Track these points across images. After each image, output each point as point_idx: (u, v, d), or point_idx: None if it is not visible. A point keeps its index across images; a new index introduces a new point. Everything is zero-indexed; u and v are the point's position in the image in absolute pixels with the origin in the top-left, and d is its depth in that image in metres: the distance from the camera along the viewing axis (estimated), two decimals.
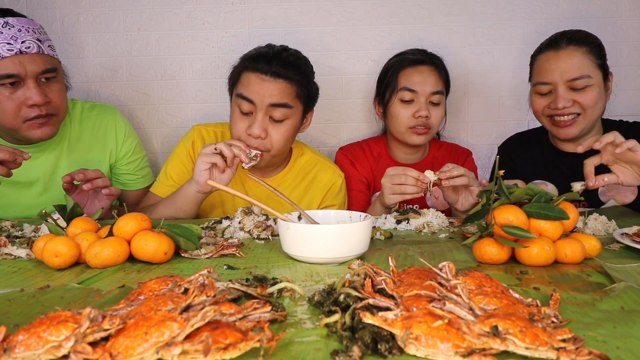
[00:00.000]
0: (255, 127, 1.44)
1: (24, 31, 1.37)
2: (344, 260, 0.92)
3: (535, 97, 1.60)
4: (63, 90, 1.47)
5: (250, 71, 1.47)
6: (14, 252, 1.02)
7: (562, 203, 0.96)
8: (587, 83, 1.50)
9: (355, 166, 1.80)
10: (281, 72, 1.45)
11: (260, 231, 1.16)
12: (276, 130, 1.47)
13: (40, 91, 1.38)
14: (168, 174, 1.61)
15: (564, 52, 1.53)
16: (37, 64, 1.38)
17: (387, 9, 2.06)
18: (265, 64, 1.46)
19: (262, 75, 1.45)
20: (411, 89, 1.66)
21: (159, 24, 2.06)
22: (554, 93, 1.54)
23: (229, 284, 0.72)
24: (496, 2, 2.06)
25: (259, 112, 1.45)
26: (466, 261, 0.96)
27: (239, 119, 1.49)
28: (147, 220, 1.00)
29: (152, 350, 0.51)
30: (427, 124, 1.67)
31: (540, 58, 1.59)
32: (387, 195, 1.38)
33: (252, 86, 1.45)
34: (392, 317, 0.57)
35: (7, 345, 0.52)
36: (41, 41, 1.40)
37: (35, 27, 1.42)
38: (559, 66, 1.52)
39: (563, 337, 0.56)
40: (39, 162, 1.54)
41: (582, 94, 1.51)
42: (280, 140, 1.48)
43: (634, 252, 0.99)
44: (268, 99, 1.44)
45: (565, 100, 1.50)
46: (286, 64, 1.47)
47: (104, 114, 1.66)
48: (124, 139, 1.67)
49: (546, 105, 1.56)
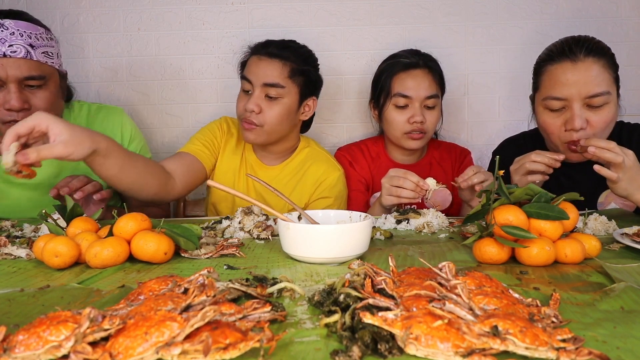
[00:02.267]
0: (250, 102, 1.57)
1: (17, 35, 1.35)
2: (344, 260, 0.92)
3: (544, 113, 1.42)
4: (50, 100, 1.42)
5: (253, 54, 1.63)
6: (14, 252, 1.02)
7: (562, 203, 0.96)
8: (606, 100, 1.34)
9: (354, 167, 1.80)
10: (276, 53, 1.59)
11: (260, 231, 1.16)
12: (270, 107, 1.59)
13: (19, 96, 1.35)
14: (196, 137, 1.70)
15: (583, 64, 1.35)
16: (20, 69, 1.35)
17: (387, 9, 2.06)
18: (264, 47, 1.62)
19: (261, 56, 1.60)
20: (405, 95, 1.66)
21: (159, 24, 2.06)
22: (567, 110, 1.37)
23: (229, 284, 0.72)
24: (496, 2, 2.06)
25: (256, 89, 1.58)
26: (466, 261, 0.96)
27: (241, 97, 1.63)
28: (147, 220, 1.00)
29: (152, 350, 0.51)
30: (422, 129, 1.66)
31: (553, 69, 1.39)
32: (384, 196, 1.39)
33: (251, 67, 1.61)
34: (392, 317, 0.57)
35: (7, 345, 0.52)
36: (34, 47, 1.37)
37: (36, 33, 1.39)
38: (577, 80, 1.34)
39: (563, 337, 0.56)
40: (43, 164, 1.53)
41: (598, 113, 1.35)
42: (273, 117, 1.59)
43: (634, 252, 0.99)
44: (262, 79, 1.58)
45: (582, 120, 1.34)
46: (283, 46, 1.62)
47: (111, 115, 1.66)
48: (130, 140, 1.67)
49: (561, 127, 1.38)
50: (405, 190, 1.35)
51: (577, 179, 1.52)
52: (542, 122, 1.44)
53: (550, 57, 1.42)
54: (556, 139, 1.41)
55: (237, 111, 1.64)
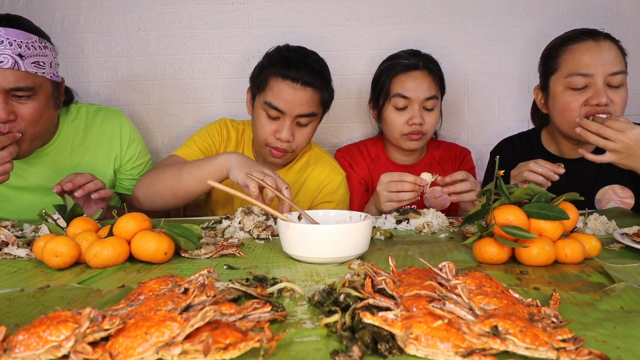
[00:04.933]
0: (284, 132, 1.53)
1: (6, 44, 1.30)
2: (344, 260, 0.92)
3: (566, 92, 1.44)
4: (38, 111, 1.37)
5: (280, 78, 1.51)
6: (14, 252, 1.02)
7: (562, 203, 0.96)
8: (623, 81, 1.41)
9: (353, 167, 1.80)
10: (310, 81, 1.51)
11: (260, 231, 1.16)
12: (301, 133, 1.58)
13: (4, 107, 1.31)
14: (194, 141, 1.64)
15: (605, 44, 1.42)
16: (7, 80, 1.30)
17: (387, 9, 2.06)
18: (296, 72, 1.50)
19: (293, 83, 1.50)
20: (404, 96, 1.65)
21: (159, 24, 2.06)
22: (590, 88, 1.41)
23: (229, 284, 0.72)
24: (496, 2, 2.06)
25: (287, 119, 1.53)
26: (466, 261, 0.96)
27: (267, 123, 1.55)
28: (147, 220, 1.00)
29: (152, 350, 0.51)
30: (420, 131, 1.66)
31: (576, 48, 1.44)
32: (384, 203, 1.37)
33: (283, 95, 1.51)
34: (392, 317, 0.57)
35: (7, 345, 0.52)
36: (23, 57, 1.32)
37: (27, 42, 1.33)
38: (601, 57, 1.40)
39: (563, 337, 0.56)
40: (41, 167, 1.54)
41: (617, 92, 1.41)
42: (304, 141, 1.60)
43: (634, 252, 0.99)
44: (297, 109, 1.52)
45: (606, 96, 1.38)
46: (314, 73, 1.53)
47: (110, 118, 1.64)
48: (129, 143, 1.65)
49: (582, 104, 1.42)
50: (406, 193, 1.34)
51: (574, 176, 1.53)
52: (563, 102, 1.45)
53: (571, 38, 1.47)
54: (575, 115, 1.42)
55: (261, 136, 1.56)
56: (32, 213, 1.52)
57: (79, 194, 1.30)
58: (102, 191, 1.32)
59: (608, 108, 1.39)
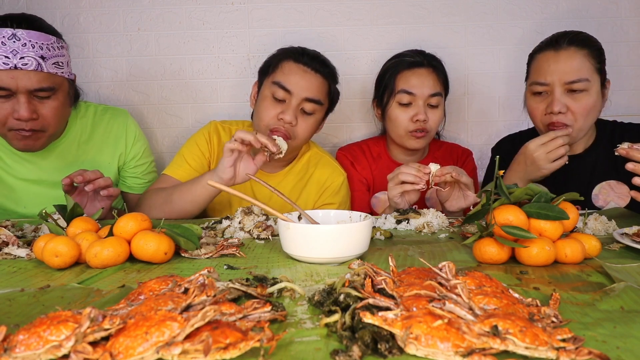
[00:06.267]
0: (287, 114, 1.50)
1: (29, 46, 1.36)
2: (344, 260, 0.92)
3: (531, 98, 1.54)
4: (58, 109, 1.45)
5: (293, 61, 1.55)
6: (14, 252, 1.02)
7: (562, 203, 0.96)
8: (585, 87, 1.45)
9: (355, 167, 1.80)
10: (320, 69, 1.55)
11: (260, 231, 1.16)
12: (304, 121, 1.55)
13: (28, 107, 1.37)
14: (184, 158, 1.63)
15: (565, 52, 1.47)
16: (31, 81, 1.36)
17: (387, 9, 2.06)
18: (308, 59, 1.55)
19: (305, 67, 1.54)
20: (409, 92, 1.65)
21: (159, 24, 2.06)
22: (549, 95, 1.48)
23: (229, 284, 0.72)
24: (496, 2, 2.06)
25: (294, 100, 1.51)
26: (466, 261, 0.96)
27: (272, 105, 1.53)
28: (147, 220, 1.00)
29: (153, 349, 0.51)
30: (425, 128, 1.66)
31: (539, 57, 1.53)
32: (390, 190, 1.39)
33: (293, 76, 1.52)
34: (392, 317, 0.57)
35: (7, 345, 0.52)
36: (45, 58, 1.38)
37: (48, 43, 1.40)
38: (558, 67, 1.46)
39: (563, 337, 0.56)
40: (49, 161, 1.58)
41: (578, 99, 1.45)
42: (305, 131, 1.56)
43: (634, 252, 0.99)
44: (305, 92, 1.52)
45: (561, 104, 1.45)
46: (324, 64, 1.59)
47: (116, 117, 1.69)
48: (134, 141, 1.70)
49: (544, 111, 1.50)
50: (407, 175, 1.34)
51: (571, 172, 1.54)
52: (528, 106, 1.56)
53: (540, 47, 1.56)
54: (539, 122, 1.53)
55: (265, 117, 1.53)
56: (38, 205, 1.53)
57: (89, 189, 1.32)
58: (111, 189, 1.34)
59: (566, 117, 1.46)
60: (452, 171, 1.33)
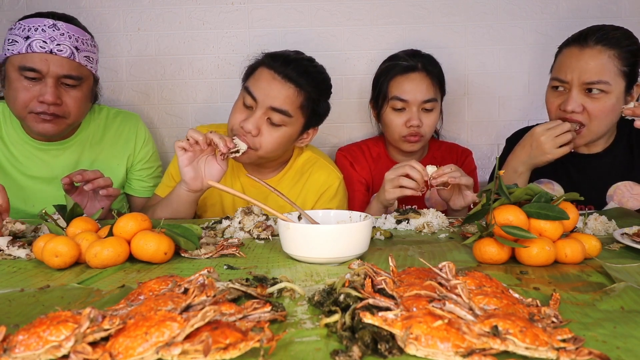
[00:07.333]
0: (249, 122, 1.42)
1: (66, 36, 1.45)
2: (344, 260, 0.92)
3: (550, 91, 1.51)
4: (81, 100, 1.51)
5: (265, 67, 1.47)
6: (14, 252, 1.02)
7: (562, 203, 0.96)
8: (604, 90, 1.40)
9: (354, 167, 1.79)
10: (293, 77, 1.44)
11: (260, 231, 1.16)
12: (269, 132, 1.45)
13: (54, 91, 1.43)
14: (170, 175, 1.62)
15: (589, 51, 1.41)
16: (62, 67, 1.44)
17: (387, 9, 2.06)
18: (281, 64, 1.44)
19: (274, 73, 1.44)
20: (402, 99, 1.64)
21: (159, 24, 2.06)
22: (567, 92, 1.45)
23: (229, 284, 0.72)
24: (496, 2, 2.06)
25: (259, 109, 1.44)
26: (466, 261, 0.96)
27: (239, 110, 1.48)
28: (147, 220, 1.00)
29: (152, 350, 0.51)
30: (419, 132, 1.65)
31: (565, 52, 1.48)
32: (388, 190, 1.38)
33: (261, 83, 1.44)
34: (392, 317, 0.57)
35: (7, 345, 0.52)
36: (79, 50, 1.47)
37: (83, 38, 1.50)
38: (579, 65, 1.41)
39: (563, 337, 0.56)
40: (61, 159, 1.60)
41: (596, 101, 1.41)
42: (270, 144, 1.46)
43: (634, 252, 0.99)
44: (270, 101, 1.43)
45: (576, 104, 1.41)
46: (302, 71, 1.46)
47: (127, 121, 1.73)
48: (143, 144, 1.73)
49: (559, 106, 1.47)
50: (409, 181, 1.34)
51: (587, 171, 1.53)
52: (546, 98, 1.53)
53: (567, 42, 1.51)
54: (554, 116, 1.51)
55: (230, 122, 1.49)
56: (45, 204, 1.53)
57: (88, 188, 1.33)
58: (111, 188, 1.35)
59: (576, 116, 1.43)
60: (449, 172, 1.32)
